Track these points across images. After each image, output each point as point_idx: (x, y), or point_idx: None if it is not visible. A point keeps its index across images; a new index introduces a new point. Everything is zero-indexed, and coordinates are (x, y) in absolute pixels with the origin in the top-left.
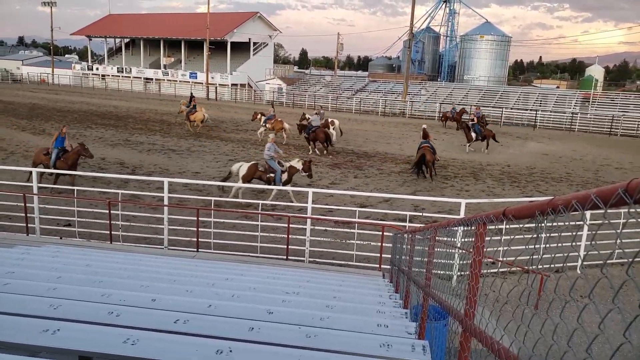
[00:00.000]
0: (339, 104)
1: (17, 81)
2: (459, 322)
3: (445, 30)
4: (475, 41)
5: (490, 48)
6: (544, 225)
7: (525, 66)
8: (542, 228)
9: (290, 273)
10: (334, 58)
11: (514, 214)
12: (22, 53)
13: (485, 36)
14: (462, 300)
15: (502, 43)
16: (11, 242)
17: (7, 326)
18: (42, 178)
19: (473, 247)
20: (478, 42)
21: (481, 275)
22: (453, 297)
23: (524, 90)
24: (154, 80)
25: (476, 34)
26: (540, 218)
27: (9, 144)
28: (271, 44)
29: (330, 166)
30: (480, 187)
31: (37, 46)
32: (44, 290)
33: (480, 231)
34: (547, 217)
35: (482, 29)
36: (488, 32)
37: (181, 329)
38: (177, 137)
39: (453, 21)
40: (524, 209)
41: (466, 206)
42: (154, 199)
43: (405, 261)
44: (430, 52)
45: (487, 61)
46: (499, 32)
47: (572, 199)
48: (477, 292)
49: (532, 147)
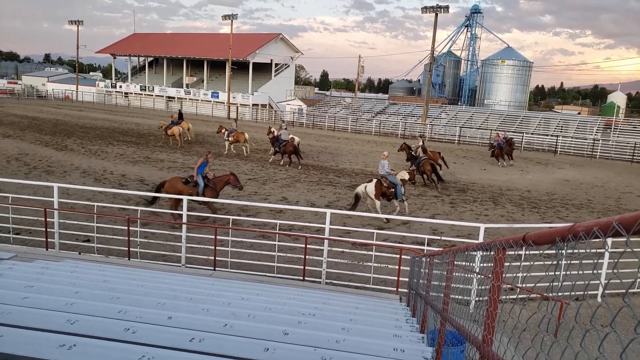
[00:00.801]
0: (359, 126)
1: (42, 97)
2: (477, 348)
3: (467, 55)
4: (497, 66)
5: (512, 73)
6: (564, 252)
7: (546, 92)
8: (562, 254)
9: (306, 294)
10: (354, 80)
11: (534, 239)
12: (47, 70)
13: (507, 61)
14: (480, 326)
15: (523, 68)
16: (31, 256)
17: (25, 340)
18: (179, 206)
19: (492, 273)
20: (499, 67)
21: (500, 301)
22: (471, 323)
23: (545, 115)
24: (176, 99)
25: (497, 59)
26: (560, 244)
27: (32, 158)
28: (292, 66)
29: (350, 187)
30: (499, 212)
31: (63, 63)
32: (61, 305)
33: (500, 256)
34: (568, 244)
35: (504, 54)
36: (509, 57)
37: (196, 348)
38: (197, 155)
39: (474, 46)
40: (544, 235)
41: (485, 231)
42: (173, 216)
43: (423, 285)
44: (451, 75)
45: (508, 86)
46: (520, 57)
47: (593, 226)
48: (495, 318)
49: (553, 173)
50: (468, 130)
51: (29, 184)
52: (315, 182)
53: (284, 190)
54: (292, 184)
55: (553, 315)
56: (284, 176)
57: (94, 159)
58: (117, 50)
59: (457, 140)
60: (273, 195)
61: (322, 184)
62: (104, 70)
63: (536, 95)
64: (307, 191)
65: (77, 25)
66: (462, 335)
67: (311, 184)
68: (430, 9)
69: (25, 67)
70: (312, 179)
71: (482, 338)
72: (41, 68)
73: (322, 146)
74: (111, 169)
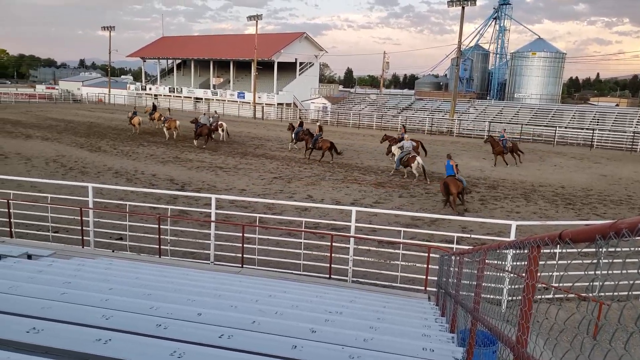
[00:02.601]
0: (384, 122)
1: (77, 101)
2: (511, 349)
3: (495, 48)
4: (527, 58)
5: (543, 65)
6: (604, 250)
7: (580, 83)
8: (602, 253)
9: (333, 292)
10: (379, 77)
11: (572, 237)
12: (82, 75)
13: (538, 53)
14: (514, 326)
15: (555, 60)
16: (69, 254)
17: (65, 334)
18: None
19: (526, 271)
20: (530, 59)
21: (534, 301)
22: (503, 323)
23: (580, 108)
24: (203, 100)
25: (528, 51)
26: (601, 242)
27: (68, 160)
28: (317, 64)
29: (375, 185)
30: (531, 208)
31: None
32: (97, 301)
33: (534, 255)
34: (609, 242)
35: (534, 46)
36: (540, 49)
37: (226, 344)
38: (224, 155)
39: (503, 38)
40: (582, 232)
41: (517, 228)
42: (202, 214)
43: (453, 284)
44: (479, 69)
45: (540, 79)
46: (552, 49)
47: (638, 223)
48: (530, 318)
49: (589, 167)
50: (498, 124)
51: (66, 185)
52: (340, 180)
53: (309, 189)
54: (317, 182)
55: (593, 316)
56: (309, 174)
57: (125, 159)
58: (147, 53)
59: (487, 135)
60: (298, 194)
61: (347, 181)
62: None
63: (570, 88)
64: (332, 189)
65: (109, 31)
66: (494, 335)
67: (336, 181)
68: (456, 2)
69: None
70: (337, 176)
71: (516, 339)
72: (76, 73)
73: (346, 143)
74: (142, 169)
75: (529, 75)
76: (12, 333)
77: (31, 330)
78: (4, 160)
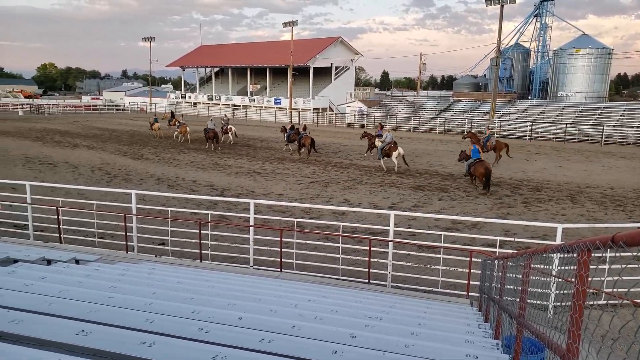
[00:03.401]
0: (422, 125)
1: (120, 110)
2: (561, 357)
3: (536, 46)
4: (571, 55)
5: (588, 62)
6: None
7: (630, 80)
8: None
9: (372, 297)
10: (416, 79)
11: (626, 240)
12: (124, 85)
13: (582, 50)
14: (563, 333)
15: (602, 56)
16: (113, 259)
17: (111, 337)
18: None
19: (575, 276)
20: (574, 57)
21: (585, 308)
22: (552, 330)
23: (630, 106)
24: (241, 107)
25: (572, 48)
26: None
27: (112, 167)
28: (352, 68)
29: (413, 188)
30: (578, 210)
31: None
32: (141, 305)
33: (584, 259)
34: None
35: (579, 42)
36: (585, 45)
37: (266, 349)
38: (262, 160)
39: (545, 36)
40: (637, 235)
41: (563, 231)
42: (241, 219)
43: (496, 289)
44: (520, 68)
45: (585, 76)
46: (597, 45)
47: None
48: (581, 325)
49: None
50: (540, 125)
51: (111, 192)
52: (377, 184)
53: (345, 193)
54: (354, 186)
55: None
56: (346, 178)
57: (167, 166)
58: (186, 62)
59: (529, 135)
60: (335, 198)
61: (384, 185)
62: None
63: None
64: (370, 193)
65: (149, 42)
66: (542, 343)
67: (373, 185)
68: (495, 1)
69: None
70: (374, 180)
71: (567, 347)
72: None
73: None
74: (183, 175)
75: (573, 73)
76: (63, 336)
77: (80, 332)
78: (53, 169)
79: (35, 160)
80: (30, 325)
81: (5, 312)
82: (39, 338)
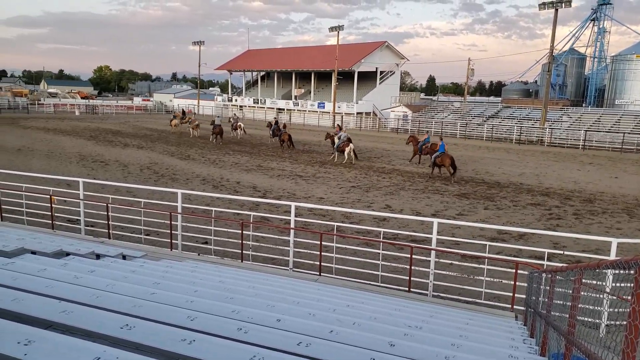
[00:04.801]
0: (468, 131)
1: (170, 112)
2: None
3: (593, 51)
4: (631, 61)
5: None
6: None
7: None
8: None
9: (412, 306)
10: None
11: None
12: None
13: None
14: (617, 355)
15: None
16: (158, 256)
17: (153, 332)
18: None
19: (632, 295)
20: (634, 62)
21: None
22: (604, 350)
23: None
24: (285, 110)
25: (632, 54)
26: None
27: (160, 167)
28: (398, 72)
29: (458, 196)
30: (635, 225)
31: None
32: (183, 302)
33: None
34: None
35: (639, 48)
36: None
37: (303, 352)
38: (304, 163)
39: (602, 41)
40: None
41: (618, 246)
42: (282, 221)
43: (543, 303)
44: (574, 75)
45: None
46: None
47: None
48: (636, 347)
49: None
50: (595, 134)
51: (158, 190)
52: (420, 190)
53: (387, 198)
54: (396, 192)
55: None
56: (388, 184)
57: (212, 167)
58: (233, 66)
59: (582, 145)
60: (376, 203)
61: (428, 191)
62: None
63: None
64: (412, 199)
65: (199, 46)
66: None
67: (416, 191)
68: (549, 5)
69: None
70: (417, 186)
71: None
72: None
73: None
74: (227, 176)
75: (633, 80)
76: (108, 328)
77: (124, 326)
78: (104, 167)
79: (89, 158)
80: (79, 317)
81: (56, 303)
82: (86, 329)
